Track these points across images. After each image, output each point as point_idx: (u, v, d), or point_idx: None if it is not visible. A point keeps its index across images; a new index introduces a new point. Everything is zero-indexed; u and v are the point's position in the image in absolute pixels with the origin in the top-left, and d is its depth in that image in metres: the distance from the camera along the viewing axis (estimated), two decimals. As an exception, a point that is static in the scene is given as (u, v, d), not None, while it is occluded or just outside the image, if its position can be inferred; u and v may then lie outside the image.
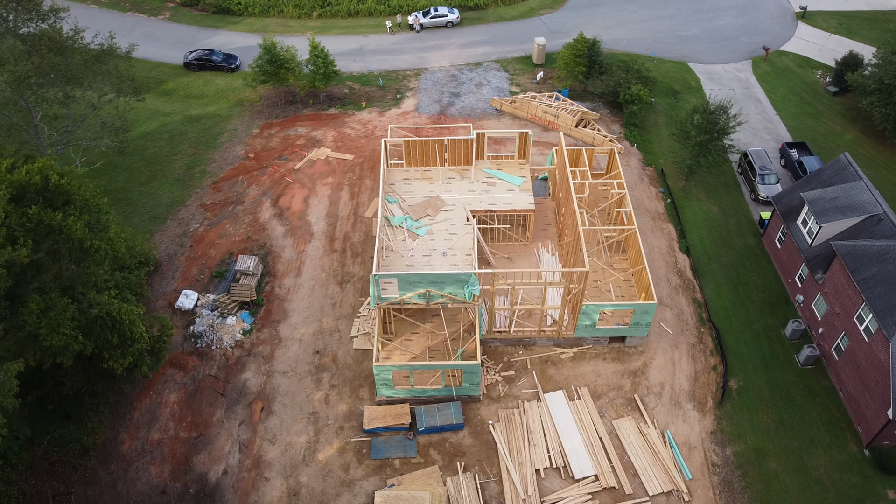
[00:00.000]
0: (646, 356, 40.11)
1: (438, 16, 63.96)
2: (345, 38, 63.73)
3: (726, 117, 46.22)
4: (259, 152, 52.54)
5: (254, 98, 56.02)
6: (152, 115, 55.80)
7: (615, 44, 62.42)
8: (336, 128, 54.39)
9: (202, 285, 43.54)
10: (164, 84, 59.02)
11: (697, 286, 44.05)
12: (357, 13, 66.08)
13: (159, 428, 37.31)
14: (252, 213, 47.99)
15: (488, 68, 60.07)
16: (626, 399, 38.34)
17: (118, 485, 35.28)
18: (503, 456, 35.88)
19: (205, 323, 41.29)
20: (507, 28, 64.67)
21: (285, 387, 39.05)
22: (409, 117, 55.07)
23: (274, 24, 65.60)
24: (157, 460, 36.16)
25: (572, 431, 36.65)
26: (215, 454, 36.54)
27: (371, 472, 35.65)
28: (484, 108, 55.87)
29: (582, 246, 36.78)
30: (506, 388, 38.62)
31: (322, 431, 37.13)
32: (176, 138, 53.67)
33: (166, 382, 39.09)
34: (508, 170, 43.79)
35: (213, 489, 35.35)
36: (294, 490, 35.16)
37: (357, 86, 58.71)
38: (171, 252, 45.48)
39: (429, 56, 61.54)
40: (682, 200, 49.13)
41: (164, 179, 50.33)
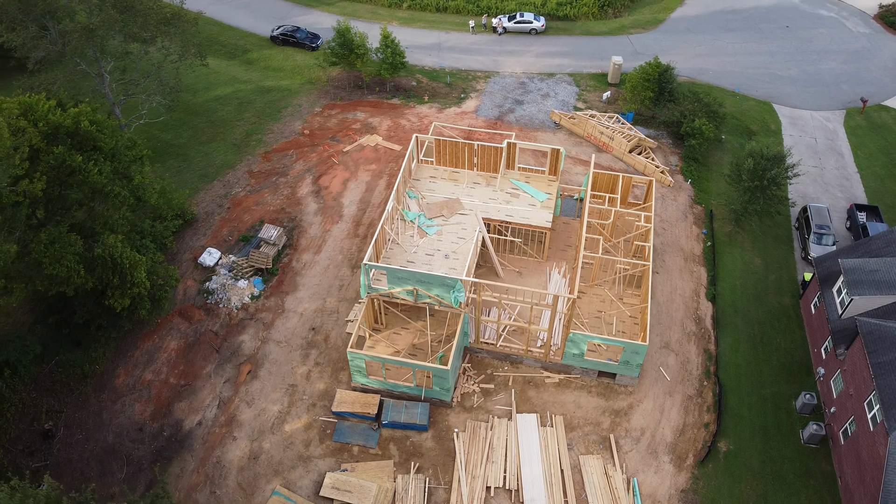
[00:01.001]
0: (634, 398, 38.48)
1: (523, 21, 63.53)
2: (427, 32, 64.62)
3: (780, 168, 43.20)
4: (315, 130, 54.48)
5: (322, 78, 58.07)
6: (230, 80, 59.13)
7: (699, 73, 59.70)
8: (393, 117, 55.44)
9: (228, 246, 45.88)
10: (249, 53, 62.29)
11: (713, 337, 41.65)
12: (445, 9, 66.78)
13: (153, 370, 39.83)
14: (292, 186, 49.93)
15: (560, 81, 59.10)
16: (601, 437, 37.00)
17: (104, 414, 38.05)
18: (459, 466, 35.66)
19: (219, 282, 43.54)
20: (591, 43, 63.27)
21: (275, 355, 40.56)
22: (466, 118, 55.23)
23: (364, 9, 67.56)
24: (143, 399, 38.67)
25: (534, 458, 35.84)
26: (196, 405, 38.59)
27: (329, 452, 36.48)
28: (543, 119, 55.11)
29: (577, 272, 35.78)
30: (481, 401, 38.26)
31: (295, 404, 38.34)
32: (244, 105, 56.61)
33: (171, 330, 41.61)
34: (536, 184, 43.12)
35: (184, 436, 37.40)
36: (255, 454, 36.58)
37: (425, 80, 59.48)
38: (209, 210, 48.18)
39: (504, 60, 61.32)
40: (724, 246, 46.47)
41: (223, 142, 53.29)
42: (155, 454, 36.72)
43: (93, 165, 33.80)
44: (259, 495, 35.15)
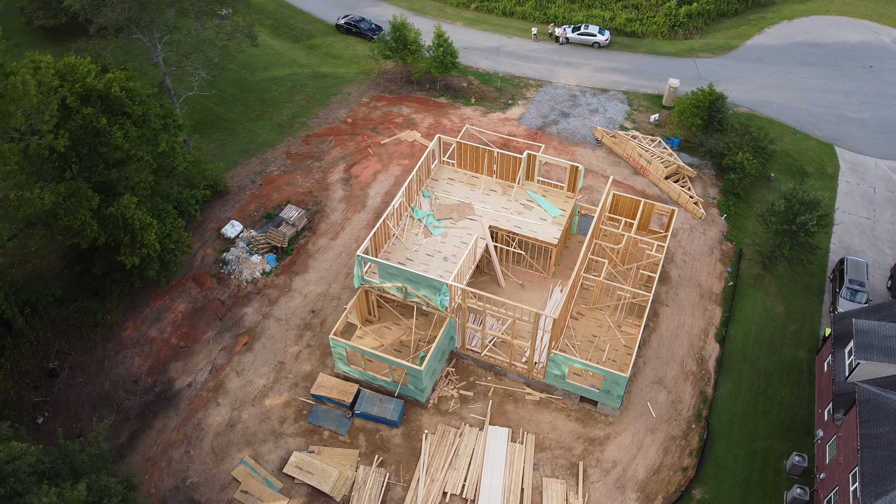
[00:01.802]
0: (613, 428, 37.48)
1: (587, 34, 62.46)
2: (488, 35, 64.60)
3: (812, 214, 40.77)
4: (358, 119, 55.64)
5: (374, 69, 59.16)
6: (289, 63, 61.16)
7: (762, 105, 57.00)
8: (436, 116, 55.86)
9: (252, 221, 47.66)
10: (313, 39, 64.19)
11: (713, 381, 39.97)
12: (511, 14, 66.51)
13: (158, 328, 42.01)
14: (324, 171, 51.26)
15: (612, 97, 57.83)
16: (570, 462, 36.28)
17: (106, 362, 40.50)
18: (421, 466, 35.87)
19: (235, 253, 45.35)
20: (654, 62, 61.49)
21: (272, 332, 41.92)
22: (507, 125, 54.97)
23: (432, 6, 68.22)
24: (143, 354, 40.88)
25: (497, 471, 35.57)
26: (190, 367, 40.46)
27: (301, 432, 37.47)
28: (585, 134, 54.13)
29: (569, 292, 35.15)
30: (457, 406, 38.27)
31: (280, 381, 39.55)
32: (296, 88, 58.46)
33: (182, 293, 43.73)
34: (552, 199, 42.53)
35: (173, 395, 39.31)
36: (233, 422, 38.03)
37: (476, 82, 59.55)
38: (242, 185, 50.17)
39: (559, 71, 60.55)
40: (747, 288, 44.39)
41: (269, 121, 55.28)
42: (143, 407, 38.81)
43: (117, 129, 35.98)
44: (228, 462, 36.56)
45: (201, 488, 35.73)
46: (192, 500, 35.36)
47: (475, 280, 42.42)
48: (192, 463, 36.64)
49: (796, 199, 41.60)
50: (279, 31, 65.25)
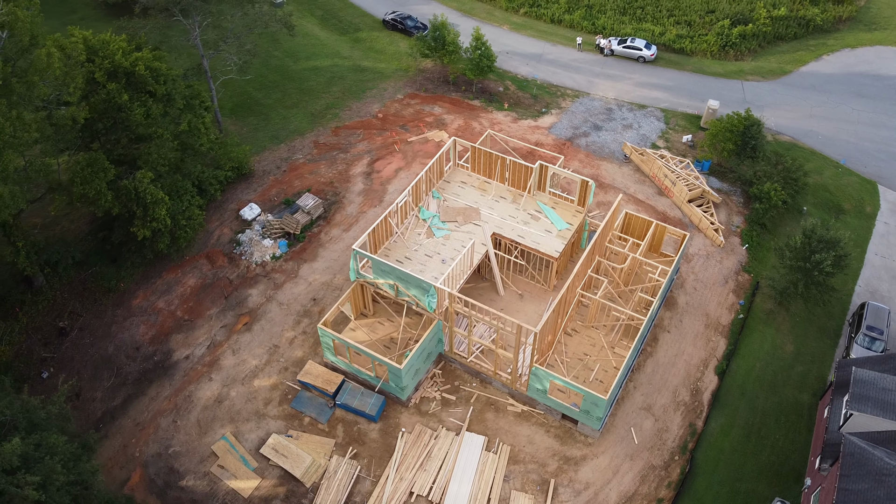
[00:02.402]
0: (590, 450, 36.87)
1: (632, 47, 61.26)
2: (533, 41, 64.15)
3: (829, 254, 38.93)
4: (389, 115, 56.24)
5: (411, 67, 59.60)
6: (332, 54, 62.28)
7: (806, 135, 54.71)
8: (467, 118, 55.90)
9: (270, 206, 48.87)
10: (359, 32, 65.13)
11: (705, 414, 38.81)
12: (560, 22, 65.81)
13: (167, 300, 43.63)
14: (348, 163, 52.06)
15: (649, 114, 56.58)
16: (542, 479, 35.89)
17: (113, 327, 42.35)
18: (392, 464, 36.17)
19: (249, 235, 46.62)
20: (699, 82, 59.80)
21: (273, 315, 42.95)
22: (536, 133, 54.53)
23: (481, 8, 68.19)
24: (148, 323, 42.56)
25: (466, 478, 35.53)
26: (190, 340, 41.89)
27: (283, 416, 38.32)
28: (614, 149, 53.19)
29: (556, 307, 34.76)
30: (438, 408, 38.38)
31: (271, 364, 40.52)
32: (335, 80, 59.49)
33: (194, 269, 45.27)
34: (561, 212, 42.04)
35: (170, 365, 40.80)
36: (221, 398, 39.20)
37: (513, 87, 59.27)
38: (267, 169, 51.48)
39: (599, 83, 59.63)
40: (758, 322, 42.83)
41: (303, 110, 56.47)
42: (141, 373, 40.44)
43: (138, 106, 37.56)
44: (210, 436, 37.73)
45: (182, 458, 37.00)
46: (171, 468, 36.68)
47: (475, 285, 42.42)
48: (178, 433, 37.97)
49: (815, 235, 39.85)
50: (328, 22, 66.51)
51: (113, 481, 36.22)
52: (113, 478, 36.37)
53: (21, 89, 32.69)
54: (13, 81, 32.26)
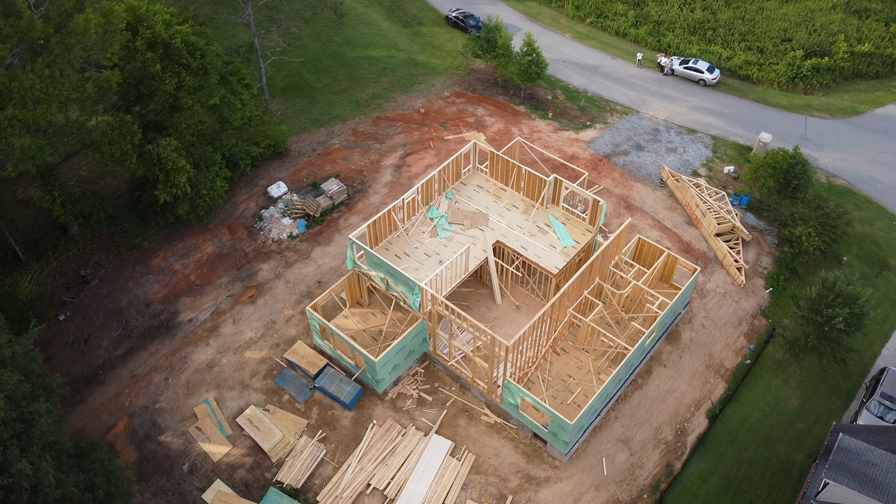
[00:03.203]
0: (555, 473, 36.14)
1: (694, 69, 59.01)
2: (593, 52, 62.84)
3: (844, 311, 36.40)
4: (431, 111, 56.57)
5: (462, 66, 59.60)
6: (389, 45, 63.13)
7: (864, 182, 51.27)
8: (508, 123, 55.50)
9: (298, 186, 50.24)
10: (421, 27, 65.70)
11: (686, 457, 37.27)
12: (624, 35, 64.14)
13: (183, 263, 45.69)
14: (381, 154, 52.77)
15: (697, 140, 54.45)
16: (500, 493, 35.50)
17: (129, 282, 44.76)
18: (357, 453, 36.68)
19: (271, 212, 48.13)
20: (759, 112, 56.98)
21: (278, 291, 44.24)
22: (574, 146, 53.51)
23: (547, 14, 67.31)
24: (162, 283, 44.73)
25: (425, 480, 35.60)
26: (196, 304, 43.75)
27: (265, 390, 39.50)
28: (652, 172, 51.53)
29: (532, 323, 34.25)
30: (413, 406, 38.56)
31: (265, 338, 41.79)
32: (387, 71, 60.31)
33: (214, 237, 47.16)
34: (571, 229, 41.22)
35: (174, 325, 42.75)
36: (212, 363, 40.78)
37: (562, 97, 58.33)
38: (302, 151, 52.90)
39: (651, 102, 57.81)
40: (765, 371, 40.69)
41: (350, 97, 57.59)
42: (146, 329, 42.59)
43: (170, 76, 39.42)
44: (195, 398, 39.36)
45: (165, 414, 38.81)
46: (154, 422, 38.55)
47: (474, 290, 42.30)
48: (167, 390, 39.82)
49: (834, 289, 37.41)
50: (393, 13, 67.43)
51: (100, 425, 38.46)
52: (101, 422, 38.62)
53: (59, 50, 35.01)
54: (53, 42, 34.61)
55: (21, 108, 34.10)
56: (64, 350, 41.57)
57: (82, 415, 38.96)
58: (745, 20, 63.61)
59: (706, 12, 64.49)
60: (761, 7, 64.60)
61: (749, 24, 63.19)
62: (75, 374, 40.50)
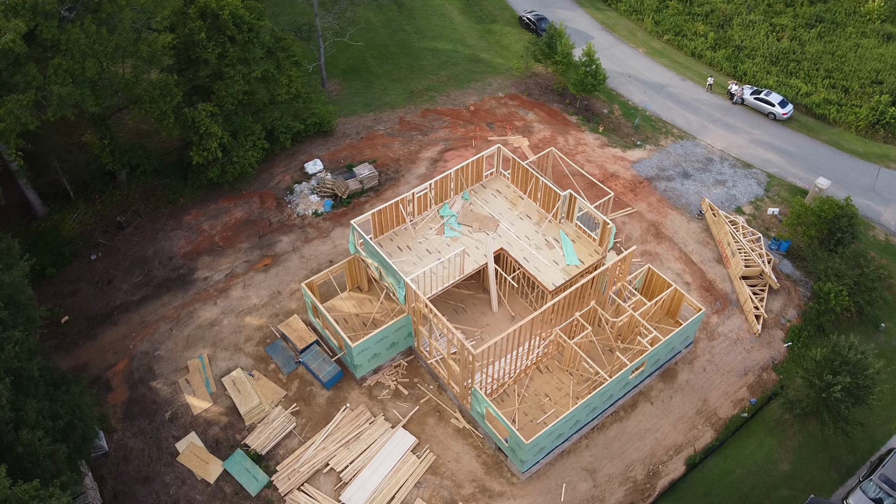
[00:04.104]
0: (512, 490, 35.65)
1: (765, 101, 55.77)
2: (663, 71, 60.54)
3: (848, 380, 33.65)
4: (481, 110, 56.38)
5: (518, 68, 58.92)
6: (457, 40, 63.26)
7: (926, 245, 47.11)
8: (556, 131, 54.54)
9: (334, 166, 51.50)
10: (493, 24, 65.40)
11: (652, 500, 35.83)
12: (700, 57, 61.36)
13: (211, 224, 47.95)
14: (421, 146, 53.22)
15: (750, 175, 51.58)
16: (451, 498, 35.42)
17: (160, 234, 47.44)
18: (323, 433, 37.55)
19: (302, 188, 49.64)
20: (827, 155, 53.24)
21: (291, 264, 45.66)
22: (618, 163, 51.92)
23: (624, 26, 65.33)
24: (188, 239, 47.12)
25: (381, 470, 36.02)
26: (214, 265, 45.87)
27: (255, 356, 41.01)
28: (692, 202, 49.32)
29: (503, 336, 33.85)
30: (388, 397, 39.00)
31: (267, 306, 43.31)
32: (447, 64, 60.52)
33: (245, 203, 49.17)
34: (579, 247, 40.25)
35: (189, 281, 45.02)
36: (214, 322, 42.70)
37: (618, 112, 56.67)
38: (347, 132, 54.11)
39: (711, 129, 55.17)
40: (760, 428, 38.42)
41: (405, 86, 58.27)
42: (164, 280, 45.09)
43: (214, 46, 41.34)
44: (190, 352, 41.39)
45: (162, 362, 41.07)
46: (150, 368, 40.89)
47: (474, 294, 42.17)
48: (169, 340, 42.09)
49: (841, 354, 34.74)
50: (469, 8, 67.46)
51: (103, 362, 41.17)
52: (105, 360, 41.33)
53: (110, 9, 37.52)
54: (104, 2, 37.13)
55: (69, 59, 36.83)
56: (89, 287, 44.72)
57: (90, 350, 41.85)
58: (836, 56, 59.45)
59: (794, 42, 60.72)
60: (857, 44, 60.17)
61: (838, 61, 59.01)
62: (93, 311, 43.52)
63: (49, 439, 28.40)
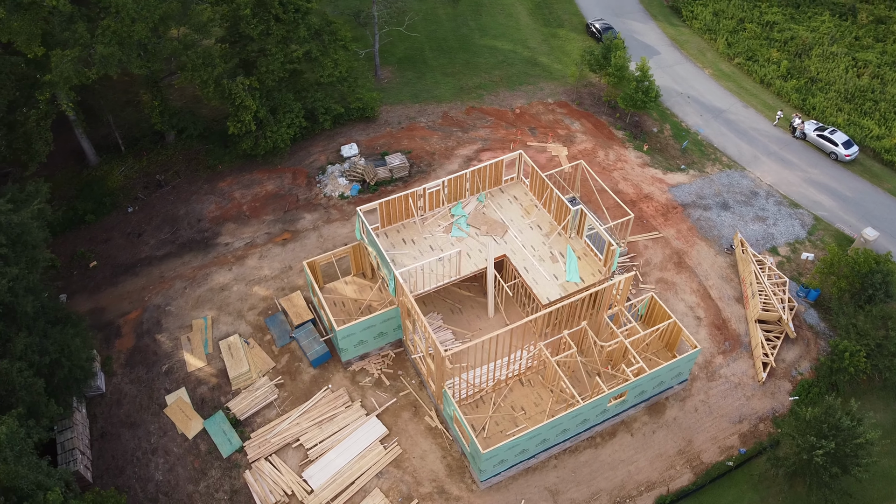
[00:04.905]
0: (470, 497, 35.51)
1: (828, 139, 52.40)
2: (725, 95, 57.87)
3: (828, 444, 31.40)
4: (526, 114, 55.72)
5: (573, 75, 57.70)
6: (519, 41, 62.65)
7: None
8: (598, 144, 53.25)
9: (369, 152, 52.30)
10: (560, 29, 64.31)
11: (612, 532, 34.91)
12: (768, 85, 58.16)
13: (242, 192, 49.76)
14: (458, 143, 53.20)
15: (795, 216, 48.72)
16: (408, 494, 35.66)
17: (193, 196, 49.66)
18: (300, 409, 38.52)
19: (333, 169, 50.72)
20: (886, 205, 49.52)
21: (308, 242, 46.83)
22: (655, 185, 50.18)
23: (696, 44, 62.77)
24: (218, 204, 49.12)
25: (347, 455, 36.66)
26: (237, 232, 47.64)
27: (254, 325, 42.44)
28: (724, 235, 47.10)
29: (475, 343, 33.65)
30: (369, 384, 39.53)
31: (276, 279, 44.65)
32: (503, 65, 60.06)
33: (278, 178, 50.71)
34: (584, 265, 39.34)
35: (211, 245, 46.91)
36: (225, 287, 44.43)
37: (668, 132, 54.68)
38: (389, 121, 54.76)
39: (764, 162, 52.39)
40: (744, 480, 36.62)
41: (456, 81, 58.29)
42: (188, 240, 47.20)
43: (258, 23, 42.78)
44: (197, 311, 43.28)
45: (170, 317, 43.15)
46: (158, 321, 43.06)
47: (474, 297, 42.03)
48: (181, 297, 44.16)
49: (833, 417, 32.53)
50: (538, 10, 66.59)
51: (119, 309, 43.66)
52: (120, 307, 43.82)
53: (160, -23, 39.59)
54: (154, -31, 39.21)
55: (118, 22, 39.09)
56: (120, 237, 47.46)
57: (110, 296, 44.48)
58: (920, 101, 55.13)
59: (875, 80, 56.66)
60: (947, 92, 55.56)
61: (922, 105, 54.73)
62: (119, 260, 46.18)
63: (31, 372, 30.57)
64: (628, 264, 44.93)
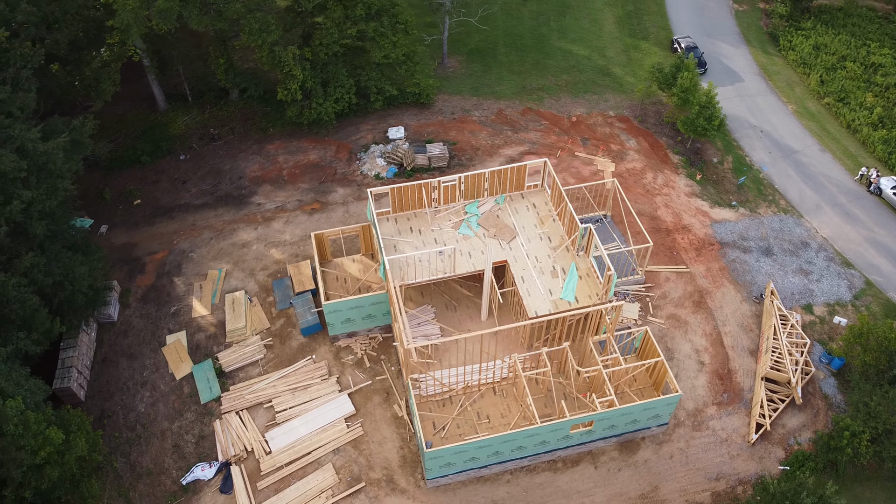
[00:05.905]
0: (414, 492, 35.53)
1: (905, 199, 47.79)
2: (803, 135, 53.73)
3: None
4: (583, 123, 54.12)
5: (639, 91, 55.32)
6: (596, 49, 60.81)
7: None
8: (647, 166, 51.02)
9: (415, 137, 52.65)
10: (643, 42, 61.83)
11: (550, 561, 33.95)
12: (855, 132, 53.45)
13: (286, 158, 51.49)
14: (505, 142, 52.53)
15: (844, 275, 44.80)
16: (357, 476, 36.07)
17: (240, 154, 51.88)
18: (280, 372, 39.75)
19: (375, 149, 51.48)
20: (956, 282, 44.68)
21: (334, 215, 47.88)
22: (697, 217, 47.56)
23: (786, 76, 58.55)
24: (261, 165, 51.08)
25: (310, 425, 37.54)
26: (271, 195, 49.35)
27: (261, 284, 44.03)
28: (758, 282, 44.07)
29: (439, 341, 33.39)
30: (350, 362, 40.17)
31: (294, 245, 46.01)
32: (573, 70, 58.53)
33: (322, 149, 52.07)
34: (583, 284, 38.06)
35: (244, 203, 48.87)
36: (246, 244, 46.27)
37: (728, 165, 51.54)
38: (443, 110, 54.83)
39: (826, 213, 48.40)
40: (705, 540, 34.51)
41: (520, 80, 57.45)
42: (225, 194, 49.46)
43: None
44: (216, 262, 45.36)
45: (190, 264, 45.54)
46: (179, 265, 45.54)
47: (473, 297, 41.74)
48: (204, 247, 46.47)
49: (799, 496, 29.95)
50: (627, 20, 64.25)
51: (148, 248, 46.52)
52: (150, 246, 46.66)
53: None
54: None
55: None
56: (167, 182, 50.45)
57: (144, 234, 47.46)
58: None
59: (980, 143, 50.92)
60: None
61: None
62: (161, 202, 49.12)
63: (30, 289, 33.29)
64: (642, 294, 43.06)
